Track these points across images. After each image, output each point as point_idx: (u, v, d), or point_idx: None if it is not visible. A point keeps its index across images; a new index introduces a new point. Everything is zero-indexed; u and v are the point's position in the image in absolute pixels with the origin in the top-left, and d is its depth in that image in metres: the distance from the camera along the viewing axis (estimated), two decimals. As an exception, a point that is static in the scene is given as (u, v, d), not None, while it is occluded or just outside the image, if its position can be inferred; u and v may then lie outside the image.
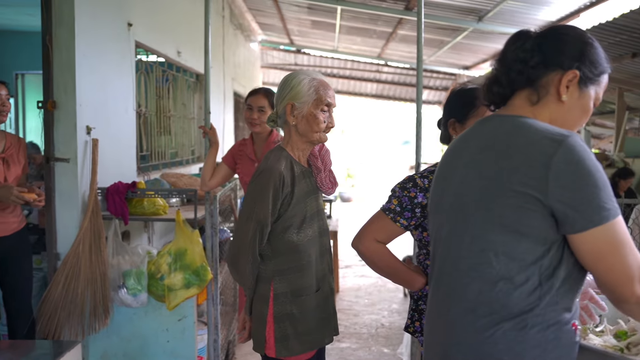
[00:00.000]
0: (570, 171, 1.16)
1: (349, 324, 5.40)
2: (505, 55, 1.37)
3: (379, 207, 1.94)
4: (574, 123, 1.35)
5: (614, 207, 1.17)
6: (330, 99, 2.11)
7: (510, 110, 1.36)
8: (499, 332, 1.23)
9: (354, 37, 10.19)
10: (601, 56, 1.34)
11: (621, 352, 1.41)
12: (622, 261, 1.16)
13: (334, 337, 2.30)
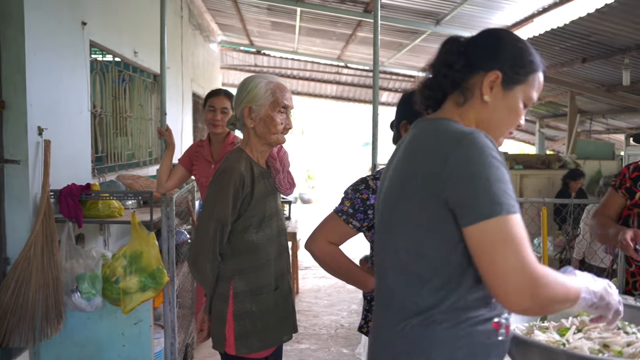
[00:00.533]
0: (464, 166, 1.17)
1: (309, 325, 5.42)
2: (436, 60, 1.39)
3: (332, 209, 1.96)
4: (501, 124, 1.36)
5: (509, 203, 1.16)
6: (287, 101, 2.15)
7: (438, 114, 1.38)
8: (407, 327, 1.26)
9: (314, 38, 10.21)
10: (529, 56, 1.34)
11: (563, 346, 1.45)
12: (508, 260, 1.14)
13: (292, 335, 2.35)
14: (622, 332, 1.53)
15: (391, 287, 1.32)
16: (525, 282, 1.13)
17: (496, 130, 1.36)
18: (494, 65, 1.31)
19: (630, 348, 1.44)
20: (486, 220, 1.15)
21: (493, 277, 1.16)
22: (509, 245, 1.14)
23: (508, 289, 1.14)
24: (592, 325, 1.58)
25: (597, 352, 1.44)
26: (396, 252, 1.30)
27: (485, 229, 1.15)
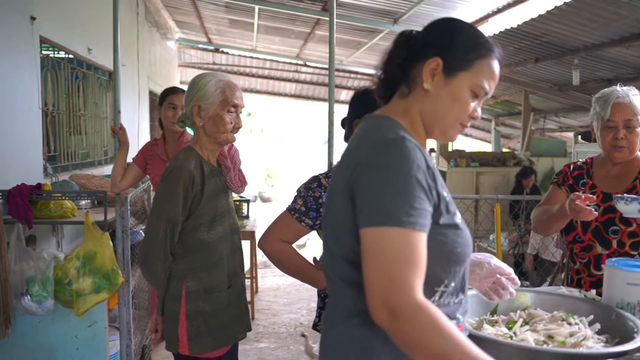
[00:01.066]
0: (368, 173, 1.15)
1: (268, 324, 5.41)
2: (387, 54, 1.35)
3: (285, 207, 1.97)
4: (446, 114, 1.27)
5: (399, 216, 1.08)
6: (237, 100, 2.15)
7: (383, 110, 1.34)
8: (351, 326, 1.23)
9: (273, 36, 10.19)
10: (474, 42, 1.27)
11: (510, 339, 1.49)
12: (373, 272, 1.08)
13: (246, 333, 2.35)
14: (566, 324, 1.58)
15: (334, 286, 1.30)
16: (386, 305, 1.06)
17: (442, 122, 1.29)
18: (434, 52, 1.25)
19: (572, 338, 1.49)
20: (370, 228, 1.10)
21: (365, 285, 1.10)
22: (379, 260, 1.08)
23: (373, 304, 1.08)
24: (539, 318, 1.63)
25: (542, 343, 1.49)
26: (331, 254, 1.29)
27: (368, 237, 1.11)
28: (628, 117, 2.16)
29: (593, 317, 1.66)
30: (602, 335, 1.59)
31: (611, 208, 2.20)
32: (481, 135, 15.77)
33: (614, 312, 1.66)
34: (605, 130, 2.22)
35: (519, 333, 1.53)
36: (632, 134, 2.18)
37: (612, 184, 2.28)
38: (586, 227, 2.26)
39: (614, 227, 2.20)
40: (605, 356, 1.33)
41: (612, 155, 2.22)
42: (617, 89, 2.22)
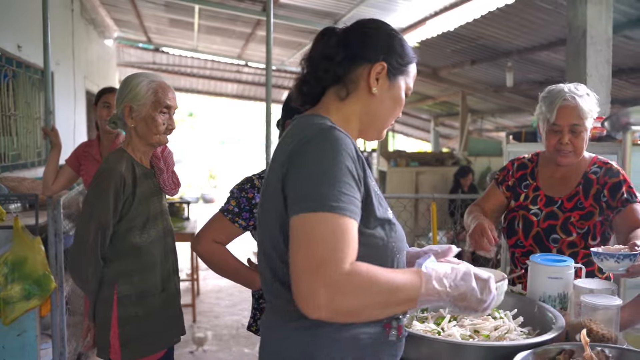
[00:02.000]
0: (297, 162, 1.15)
1: (210, 326, 5.36)
2: (312, 53, 1.34)
3: (218, 209, 1.97)
4: (387, 115, 1.34)
5: (326, 200, 1.08)
6: (169, 101, 2.12)
7: (314, 110, 1.33)
8: (293, 330, 1.22)
9: (214, 36, 10.08)
10: (406, 46, 1.33)
11: (438, 335, 1.54)
12: (300, 258, 1.07)
13: (181, 337, 2.32)
14: (491, 318, 1.64)
15: (273, 289, 1.27)
16: (318, 287, 1.03)
17: (383, 122, 1.34)
18: (379, 56, 1.28)
19: (496, 332, 1.56)
20: (299, 214, 1.09)
21: (291, 276, 1.08)
22: (310, 244, 1.06)
23: (300, 293, 1.06)
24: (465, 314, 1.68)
25: (468, 338, 1.54)
26: (265, 254, 1.28)
27: (294, 224, 1.10)
28: (574, 122, 2.07)
29: (517, 311, 1.73)
30: (525, 328, 1.66)
31: (553, 214, 2.17)
32: (421, 136, 16.08)
33: (536, 305, 1.74)
34: (550, 133, 2.13)
35: (447, 329, 1.58)
36: (578, 138, 2.09)
37: (556, 187, 2.22)
38: (527, 233, 2.21)
39: (554, 236, 2.15)
40: (524, 347, 1.39)
41: (557, 159, 2.15)
42: (564, 88, 2.12)
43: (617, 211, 2.09)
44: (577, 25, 4.18)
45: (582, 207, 2.14)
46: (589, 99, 2.10)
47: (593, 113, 2.11)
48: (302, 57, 1.37)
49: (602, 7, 4.13)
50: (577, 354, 1.39)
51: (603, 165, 2.18)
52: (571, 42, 4.27)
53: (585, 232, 2.12)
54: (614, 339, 1.56)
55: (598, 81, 4.12)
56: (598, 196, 2.13)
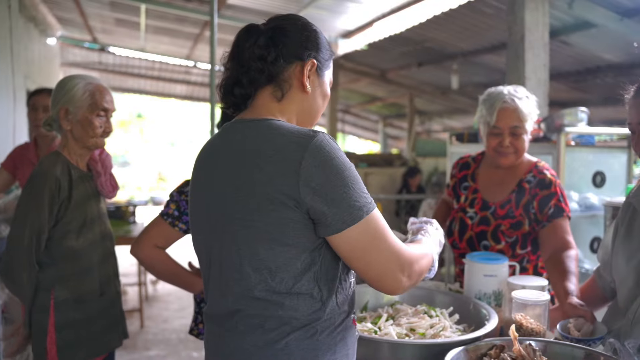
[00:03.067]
0: (318, 174, 1.13)
1: (158, 331, 5.28)
2: (241, 53, 1.29)
3: (158, 213, 1.95)
4: (319, 110, 1.36)
5: (366, 202, 1.17)
6: (107, 104, 2.10)
7: (255, 113, 1.29)
8: (291, 342, 1.19)
9: (162, 37, 9.94)
10: (327, 42, 1.35)
11: (375, 334, 1.57)
12: (381, 255, 1.18)
13: (122, 341, 2.28)
14: (427, 316, 1.68)
15: (257, 306, 1.21)
16: (401, 268, 1.20)
17: (315, 118, 1.36)
18: (309, 54, 1.29)
19: (432, 330, 1.60)
20: (352, 227, 1.15)
21: (373, 275, 1.20)
22: (377, 241, 1.18)
23: (389, 281, 1.21)
24: (403, 312, 1.72)
25: (404, 336, 1.57)
26: (257, 270, 1.20)
27: (353, 235, 1.16)
28: (514, 124, 2.08)
29: (453, 309, 1.78)
30: (460, 325, 1.71)
31: (486, 219, 2.18)
32: (371, 137, 16.26)
33: (472, 302, 1.79)
34: (491, 136, 2.14)
35: (383, 328, 1.61)
36: (519, 140, 2.10)
37: (493, 192, 2.23)
38: (462, 235, 2.24)
39: (485, 242, 2.17)
40: (457, 344, 1.43)
41: (498, 160, 2.16)
42: (504, 91, 2.12)
43: (542, 226, 2.10)
44: (516, 30, 4.33)
45: (512, 216, 2.14)
46: (528, 102, 2.11)
47: (533, 115, 2.12)
48: (226, 58, 1.33)
49: (539, 13, 4.28)
50: (508, 349, 1.44)
51: (537, 175, 2.16)
52: (511, 47, 4.42)
53: (513, 241, 2.13)
54: (542, 332, 1.62)
55: (536, 84, 4.27)
56: (527, 207, 2.14)
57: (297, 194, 1.14)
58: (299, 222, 1.16)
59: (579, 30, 5.35)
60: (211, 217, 1.27)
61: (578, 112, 3.19)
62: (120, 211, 5.71)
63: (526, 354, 1.41)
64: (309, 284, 1.20)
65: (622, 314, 1.64)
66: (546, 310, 1.69)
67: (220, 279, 1.27)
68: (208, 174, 1.30)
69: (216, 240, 1.26)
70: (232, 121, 1.31)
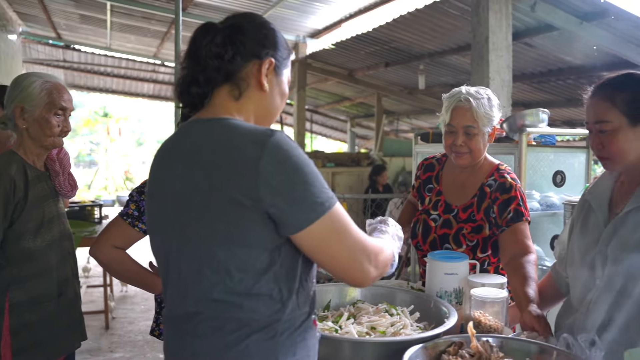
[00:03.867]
0: (277, 173, 1.13)
1: (124, 333, 5.21)
2: (198, 52, 1.27)
3: (118, 213, 1.93)
4: (277, 109, 1.35)
5: (328, 197, 1.16)
6: (65, 103, 2.07)
7: (212, 112, 1.27)
8: (251, 344, 1.18)
9: (128, 35, 9.81)
10: (284, 40, 1.35)
11: (336, 332, 1.58)
12: (347, 247, 1.20)
13: (81, 343, 2.25)
14: (388, 315, 1.70)
15: (217, 308, 1.20)
16: (368, 258, 1.22)
17: (273, 117, 1.36)
18: (267, 52, 1.28)
19: (392, 328, 1.61)
20: (315, 223, 1.15)
21: (340, 268, 1.22)
22: (342, 235, 1.18)
23: (357, 273, 1.22)
24: (364, 311, 1.74)
25: (365, 335, 1.58)
26: (216, 272, 1.18)
27: (317, 231, 1.15)
28: (467, 124, 2.07)
29: (414, 307, 1.79)
30: (421, 323, 1.72)
31: (449, 222, 2.19)
32: (339, 136, 16.31)
33: (433, 300, 1.81)
34: (447, 134, 2.15)
35: (344, 326, 1.61)
36: (472, 140, 2.09)
37: (456, 195, 2.23)
38: (425, 237, 2.23)
39: (447, 245, 2.17)
40: (416, 342, 1.44)
41: (455, 160, 2.17)
42: (462, 91, 2.11)
43: (502, 230, 2.07)
44: (480, 31, 4.39)
45: (474, 220, 2.15)
46: (487, 103, 2.08)
47: (490, 117, 2.08)
48: (183, 56, 1.32)
49: (502, 15, 4.36)
50: (466, 346, 1.46)
51: (498, 179, 2.14)
52: (475, 48, 4.48)
53: (474, 245, 2.14)
54: (500, 329, 1.65)
55: (499, 85, 4.34)
56: (488, 211, 2.12)
57: (255, 193, 1.13)
58: (258, 222, 1.15)
59: (541, 32, 5.46)
60: (168, 218, 1.26)
61: (539, 113, 3.25)
62: (85, 211, 5.62)
63: (483, 351, 1.43)
64: (268, 284, 1.18)
65: (575, 308, 1.68)
66: (504, 307, 1.72)
67: (178, 281, 1.25)
68: (165, 174, 1.28)
69: (174, 241, 1.25)
70: (189, 121, 1.30)
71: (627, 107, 1.51)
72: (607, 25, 4.83)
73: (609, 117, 1.54)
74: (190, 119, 1.31)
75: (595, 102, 1.57)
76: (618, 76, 1.58)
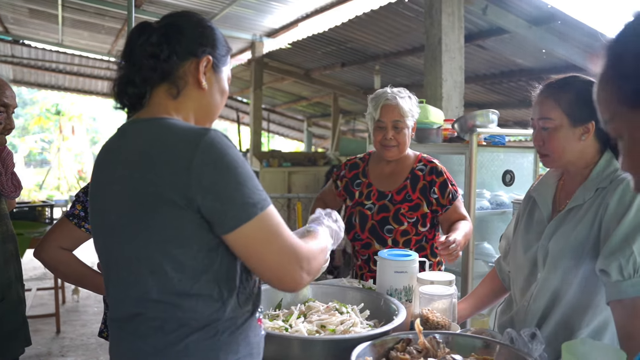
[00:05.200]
0: (210, 172, 1.13)
1: (75, 336, 5.09)
2: (133, 52, 1.27)
3: (63, 214, 1.89)
4: (217, 106, 1.36)
5: (261, 199, 1.16)
6: (7, 100, 2.01)
7: (150, 112, 1.27)
8: (191, 344, 1.18)
9: (81, 31, 9.59)
10: (223, 37, 1.35)
11: (286, 331, 1.59)
12: (277, 251, 1.18)
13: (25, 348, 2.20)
14: (338, 313, 1.71)
15: (158, 308, 1.19)
16: (298, 262, 1.20)
17: (213, 115, 1.36)
18: (205, 50, 1.29)
19: (342, 326, 1.62)
20: (246, 224, 1.14)
21: (270, 272, 1.19)
22: (273, 238, 1.17)
23: (286, 278, 1.19)
24: (315, 310, 1.75)
25: (314, 333, 1.60)
26: (154, 273, 1.17)
27: (249, 232, 1.14)
28: (395, 119, 2.30)
29: (364, 305, 1.82)
30: (371, 321, 1.74)
31: (385, 207, 2.36)
32: (297, 136, 16.32)
33: (383, 298, 1.83)
34: (376, 130, 2.36)
35: (294, 325, 1.62)
36: (400, 134, 2.32)
37: (387, 182, 2.42)
38: (364, 226, 2.38)
39: (388, 226, 2.34)
40: (365, 339, 1.46)
41: (384, 154, 2.36)
42: (388, 91, 2.35)
43: (447, 209, 2.37)
44: (434, 33, 4.46)
45: (410, 200, 2.37)
46: (409, 101, 2.35)
47: (413, 113, 2.36)
48: (119, 57, 1.30)
49: (455, 18, 4.43)
50: (413, 342, 1.49)
51: (428, 164, 2.42)
52: (428, 49, 4.55)
53: (414, 221, 2.35)
54: (447, 325, 1.69)
55: (452, 86, 4.42)
56: (425, 191, 2.37)
57: (189, 193, 1.12)
58: (193, 222, 1.15)
59: (493, 35, 5.58)
60: (108, 220, 1.25)
61: (489, 114, 3.32)
62: (35, 212, 5.48)
63: (430, 347, 1.46)
64: (208, 284, 1.18)
65: (516, 303, 1.74)
66: (452, 304, 1.76)
67: (119, 282, 1.25)
68: (105, 175, 1.27)
69: (114, 243, 1.24)
70: (128, 121, 1.29)
71: (569, 107, 1.57)
72: (554, 29, 4.98)
73: (552, 115, 1.59)
74: (129, 119, 1.31)
75: (541, 100, 1.63)
76: (565, 77, 1.65)
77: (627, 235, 1.43)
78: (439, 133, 3.47)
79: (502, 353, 1.44)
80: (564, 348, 1.26)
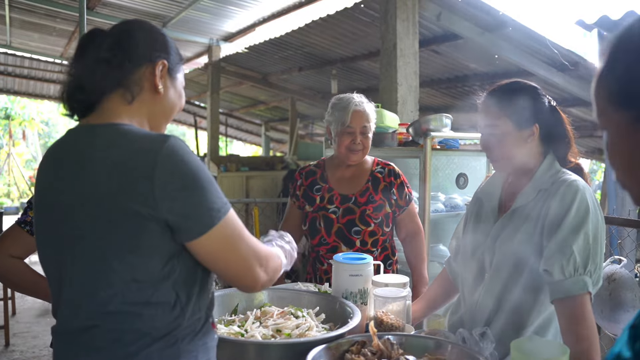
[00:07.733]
0: (173, 181, 1.12)
1: (26, 349, 4.94)
2: (84, 58, 1.25)
3: (14, 221, 1.83)
4: (172, 110, 1.35)
5: (223, 204, 1.18)
6: None
7: (102, 117, 1.24)
8: (151, 353, 1.16)
9: (31, 32, 9.33)
10: (175, 46, 1.36)
11: (241, 336, 1.58)
12: (240, 253, 1.21)
13: None
14: (293, 317, 1.71)
15: (115, 320, 1.16)
16: (259, 262, 1.25)
17: (168, 119, 1.36)
18: (159, 55, 1.28)
19: (298, 330, 1.63)
20: (210, 231, 1.15)
21: (233, 273, 1.23)
22: (236, 242, 1.20)
23: (248, 278, 1.24)
24: (270, 314, 1.75)
25: (270, 338, 1.59)
26: (111, 285, 1.14)
27: (212, 238, 1.16)
28: (364, 124, 2.40)
29: (319, 308, 1.82)
30: (327, 324, 1.75)
31: (350, 209, 2.41)
32: (255, 140, 16.25)
33: (338, 301, 1.84)
34: (344, 135, 2.40)
35: (250, 330, 1.62)
36: (366, 138, 2.42)
37: (348, 185, 2.47)
38: (329, 230, 2.42)
39: (355, 228, 2.41)
40: (320, 342, 1.47)
41: (349, 157, 2.42)
42: (354, 97, 2.43)
43: (403, 210, 2.49)
44: (389, 38, 4.52)
45: (374, 201, 2.44)
46: (370, 106, 2.46)
47: (374, 118, 2.47)
48: (69, 63, 1.28)
49: (410, 23, 4.50)
50: (368, 344, 1.51)
51: (385, 167, 2.52)
52: (384, 54, 4.60)
53: (379, 221, 2.44)
54: (401, 327, 1.72)
55: (407, 90, 4.48)
56: (386, 192, 2.46)
57: (152, 201, 1.11)
58: (154, 231, 1.13)
59: (447, 40, 5.68)
60: (58, 231, 1.21)
61: (443, 118, 3.38)
62: (-15, 219, 5.32)
63: (384, 348, 1.48)
64: (168, 292, 1.17)
65: (466, 302, 1.78)
66: (406, 305, 1.79)
67: (72, 295, 1.20)
68: (51, 184, 1.23)
69: (66, 255, 1.19)
70: (77, 125, 1.27)
71: (513, 112, 1.62)
72: (505, 36, 5.11)
73: (498, 122, 1.64)
74: (79, 124, 1.28)
75: (486, 108, 1.67)
76: (507, 84, 1.69)
77: (567, 236, 1.49)
78: (394, 137, 3.51)
79: (454, 352, 1.47)
80: (513, 346, 1.30)
